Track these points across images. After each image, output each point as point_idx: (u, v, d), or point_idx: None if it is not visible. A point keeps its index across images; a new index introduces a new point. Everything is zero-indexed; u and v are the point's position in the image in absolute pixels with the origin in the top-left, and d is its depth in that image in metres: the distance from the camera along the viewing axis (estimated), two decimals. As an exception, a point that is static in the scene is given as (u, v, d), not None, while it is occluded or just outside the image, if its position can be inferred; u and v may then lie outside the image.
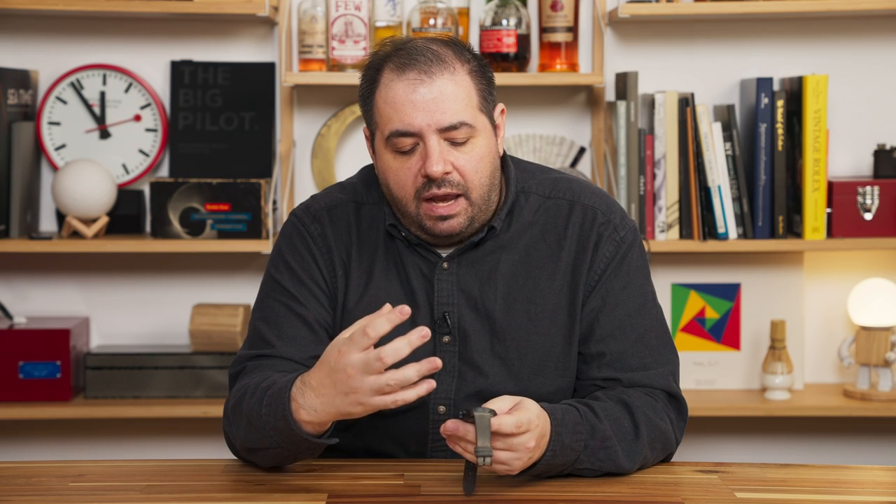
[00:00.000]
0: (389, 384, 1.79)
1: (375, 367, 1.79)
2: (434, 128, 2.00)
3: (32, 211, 3.39)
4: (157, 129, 3.42)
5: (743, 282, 3.47)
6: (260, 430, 1.93)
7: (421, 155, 2.02)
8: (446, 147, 2.02)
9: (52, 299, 3.48)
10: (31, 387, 3.28)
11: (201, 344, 3.34)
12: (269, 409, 1.91)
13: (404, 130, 2.01)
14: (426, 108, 2.00)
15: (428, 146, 2.01)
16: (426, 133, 2.00)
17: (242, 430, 1.98)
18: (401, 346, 1.79)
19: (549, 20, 3.31)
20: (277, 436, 1.92)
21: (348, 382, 1.81)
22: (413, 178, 2.03)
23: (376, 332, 1.79)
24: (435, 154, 2.01)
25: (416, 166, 2.03)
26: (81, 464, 2.10)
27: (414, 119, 2.00)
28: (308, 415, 1.87)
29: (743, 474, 2.03)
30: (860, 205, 3.31)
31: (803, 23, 3.46)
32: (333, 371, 1.82)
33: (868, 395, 3.36)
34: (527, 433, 1.85)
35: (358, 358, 1.80)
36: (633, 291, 2.11)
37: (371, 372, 1.79)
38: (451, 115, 2.00)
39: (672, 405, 2.09)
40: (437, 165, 2.00)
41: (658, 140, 3.28)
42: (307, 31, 3.31)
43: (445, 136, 2.01)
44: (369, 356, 1.79)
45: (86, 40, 3.44)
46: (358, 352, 1.80)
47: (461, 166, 2.03)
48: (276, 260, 2.16)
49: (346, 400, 1.83)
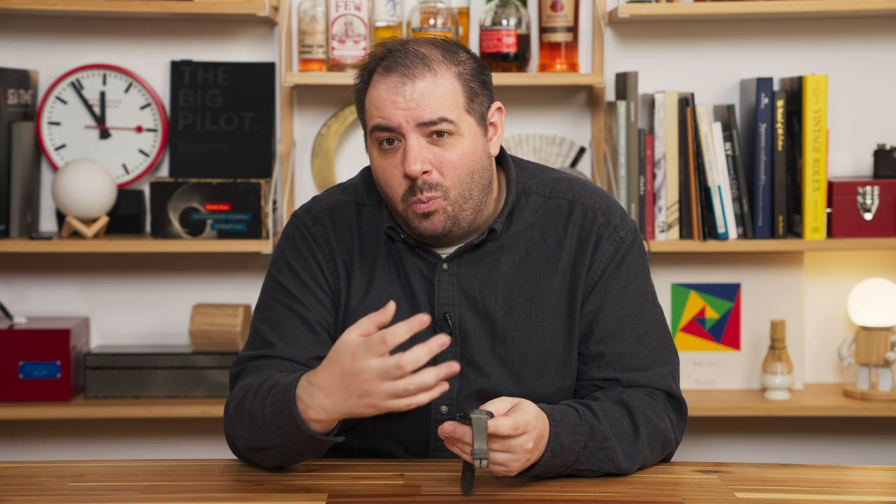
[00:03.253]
0: (408, 389, 1.79)
1: (394, 374, 1.78)
2: (413, 123, 2.00)
3: (32, 211, 3.40)
4: (157, 129, 3.42)
5: (743, 282, 3.47)
6: (264, 429, 1.93)
7: (403, 154, 2.03)
8: (426, 145, 2.02)
9: (52, 299, 3.48)
10: (31, 387, 3.28)
11: (201, 344, 3.34)
12: (273, 408, 1.91)
13: (384, 125, 2.02)
14: (406, 105, 2.00)
15: (407, 144, 2.01)
16: (405, 130, 2.01)
17: (245, 430, 1.98)
18: (421, 355, 1.78)
19: (549, 20, 3.31)
20: (283, 434, 1.91)
21: (363, 386, 1.80)
22: (399, 180, 2.04)
23: (395, 340, 1.78)
24: (413, 152, 2.01)
25: (400, 167, 2.03)
26: (81, 464, 2.10)
27: (393, 115, 2.01)
28: (317, 413, 1.87)
29: (743, 474, 2.03)
30: (860, 205, 3.31)
31: (803, 23, 3.46)
32: (347, 374, 1.81)
33: (868, 395, 3.36)
34: (524, 435, 1.85)
35: (376, 364, 1.78)
36: (633, 292, 2.11)
37: (389, 378, 1.79)
38: (430, 111, 2.00)
39: (672, 405, 2.09)
40: (414, 164, 2.00)
41: (658, 140, 3.28)
42: (307, 31, 3.31)
43: (425, 132, 2.01)
44: (388, 364, 1.78)
45: (86, 40, 3.44)
46: (375, 357, 1.79)
47: (439, 164, 2.02)
48: (278, 261, 2.16)
49: (360, 402, 1.82)
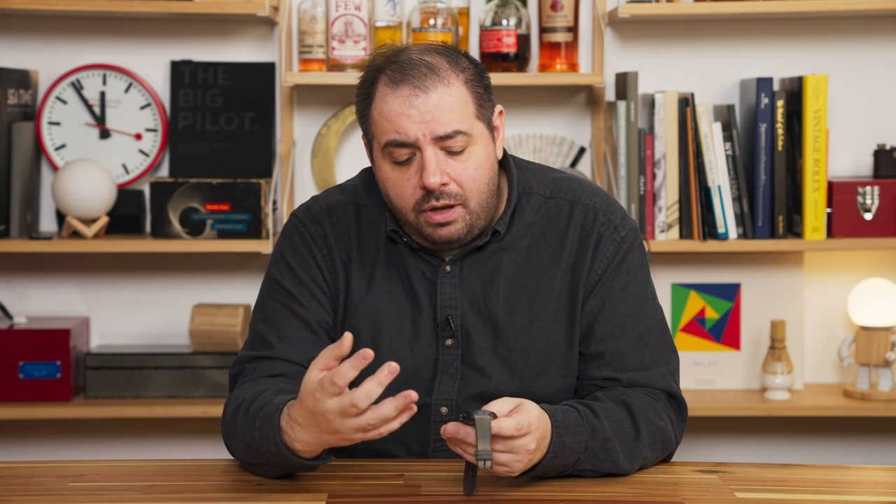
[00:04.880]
0: (371, 423, 1.79)
1: (352, 412, 1.78)
2: (430, 137, 2.00)
3: (32, 211, 3.40)
4: (157, 129, 3.42)
5: (743, 282, 3.47)
6: (255, 450, 1.93)
7: (418, 167, 2.02)
8: (443, 157, 2.02)
9: (52, 299, 3.48)
10: (31, 387, 3.28)
11: (201, 344, 3.34)
12: (261, 433, 1.91)
13: (400, 141, 2.01)
14: (422, 119, 1.99)
15: (424, 157, 2.01)
16: (422, 144, 2.00)
17: (239, 446, 1.99)
18: (371, 389, 1.78)
19: (549, 20, 3.31)
20: (272, 457, 1.92)
21: (331, 425, 1.81)
22: (412, 190, 2.03)
23: (343, 381, 1.78)
24: (431, 165, 2.00)
25: (414, 178, 2.02)
26: (81, 464, 2.10)
27: (409, 130, 2.00)
28: (301, 445, 1.88)
29: (743, 474, 2.03)
30: (860, 205, 3.31)
31: (803, 23, 3.46)
32: (313, 414, 1.82)
33: (868, 395, 3.36)
34: (527, 435, 1.85)
35: (333, 404, 1.79)
36: (634, 291, 2.11)
37: (349, 416, 1.79)
38: (446, 124, 2.00)
39: (672, 405, 2.09)
40: (433, 177, 2.00)
41: (658, 140, 3.28)
42: (307, 30, 3.31)
43: (441, 145, 2.01)
44: (343, 402, 1.78)
45: (86, 40, 3.44)
46: (330, 398, 1.79)
47: (458, 176, 2.02)
48: (277, 261, 2.16)
49: (333, 437, 1.84)
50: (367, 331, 2.10)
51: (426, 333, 2.10)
